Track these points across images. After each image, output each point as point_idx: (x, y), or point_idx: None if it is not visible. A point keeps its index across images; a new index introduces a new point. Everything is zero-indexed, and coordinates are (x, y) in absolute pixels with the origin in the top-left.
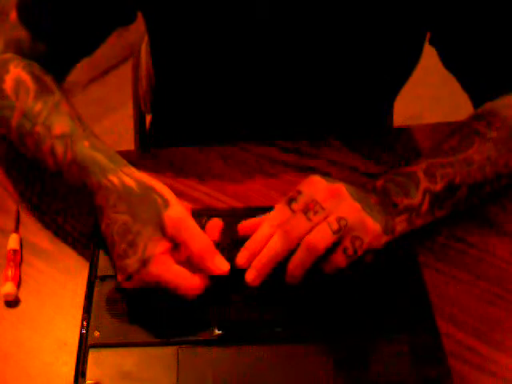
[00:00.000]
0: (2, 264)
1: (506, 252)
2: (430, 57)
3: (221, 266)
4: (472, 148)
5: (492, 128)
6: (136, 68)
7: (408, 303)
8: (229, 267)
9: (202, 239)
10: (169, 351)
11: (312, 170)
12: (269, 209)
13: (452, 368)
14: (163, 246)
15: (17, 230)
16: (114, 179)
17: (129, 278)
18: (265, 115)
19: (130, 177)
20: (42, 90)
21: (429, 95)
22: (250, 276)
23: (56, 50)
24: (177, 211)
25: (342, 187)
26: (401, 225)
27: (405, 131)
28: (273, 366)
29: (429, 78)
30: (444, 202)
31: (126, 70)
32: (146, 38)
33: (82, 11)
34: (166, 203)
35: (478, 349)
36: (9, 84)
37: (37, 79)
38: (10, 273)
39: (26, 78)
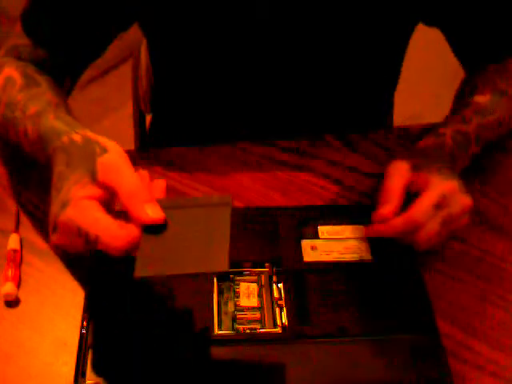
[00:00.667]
0: (1, 264)
1: (506, 252)
2: (430, 57)
3: (152, 213)
4: (502, 108)
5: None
6: (136, 68)
7: (408, 303)
8: (162, 216)
9: (131, 181)
10: (169, 351)
11: (312, 170)
12: (269, 209)
13: (452, 368)
14: (89, 190)
15: (17, 229)
16: (65, 139)
17: (54, 228)
18: (265, 115)
19: (80, 134)
20: (29, 84)
21: (429, 95)
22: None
23: (57, 58)
24: (111, 157)
25: (471, 203)
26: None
27: (405, 131)
28: (273, 366)
29: (429, 78)
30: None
31: (126, 69)
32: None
33: (82, 19)
34: (104, 151)
35: (478, 349)
36: (0, 82)
37: (26, 76)
38: (10, 273)
39: (16, 75)
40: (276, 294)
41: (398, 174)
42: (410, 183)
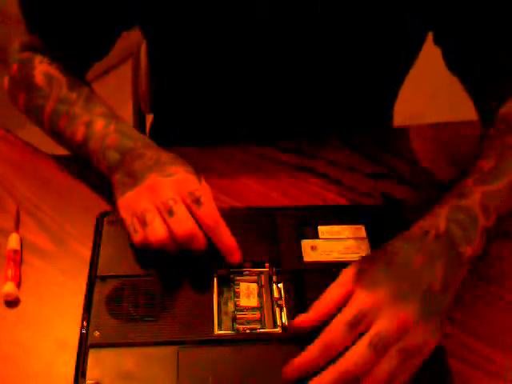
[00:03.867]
0: (2, 264)
1: (506, 252)
2: (430, 57)
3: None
4: None
5: None
6: (136, 68)
7: None
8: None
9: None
10: (169, 351)
11: (312, 170)
12: (269, 209)
13: (452, 368)
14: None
15: (17, 229)
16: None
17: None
18: (265, 115)
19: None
20: (75, 83)
21: (429, 95)
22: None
23: (68, 55)
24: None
25: (409, 317)
26: (462, 278)
27: (405, 131)
28: (273, 366)
29: (429, 78)
30: (491, 239)
31: (126, 69)
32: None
33: (86, 18)
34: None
35: (478, 349)
36: (39, 78)
37: (65, 73)
38: (9, 273)
39: (54, 72)
40: (276, 294)
41: (337, 282)
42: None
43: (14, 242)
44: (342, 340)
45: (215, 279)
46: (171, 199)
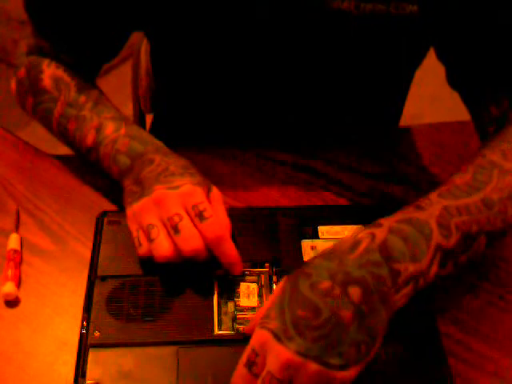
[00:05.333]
0: (1, 264)
1: (506, 252)
2: (430, 57)
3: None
4: (490, 184)
5: (508, 158)
6: (136, 68)
7: (408, 303)
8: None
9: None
10: (169, 351)
11: (312, 170)
12: (269, 209)
13: (452, 368)
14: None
15: (17, 229)
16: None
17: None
18: (265, 115)
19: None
20: (83, 86)
21: (429, 95)
22: None
23: (77, 59)
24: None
25: (293, 355)
26: (404, 299)
27: (406, 131)
28: None
29: (429, 78)
30: (458, 258)
31: (126, 69)
32: (145, 38)
33: (96, 19)
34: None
35: (477, 349)
36: (47, 82)
37: (73, 76)
38: (9, 273)
39: (62, 74)
40: None
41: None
42: None
43: (14, 242)
44: (243, 382)
45: (215, 279)
46: (176, 215)
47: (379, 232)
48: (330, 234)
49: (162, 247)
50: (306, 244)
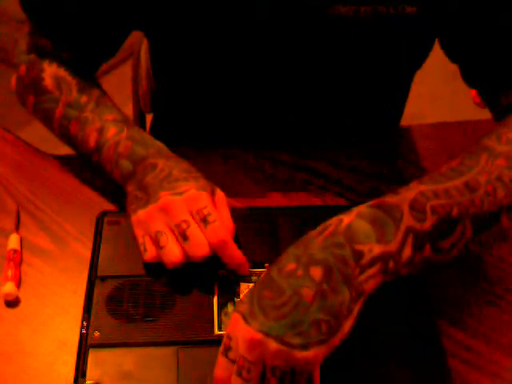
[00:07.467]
0: (1, 264)
1: (506, 252)
2: (430, 57)
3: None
4: (477, 167)
5: (502, 141)
6: (136, 68)
7: (408, 303)
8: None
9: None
10: (169, 351)
11: (312, 170)
12: (269, 209)
13: (452, 368)
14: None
15: (17, 229)
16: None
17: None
18: (265, 116)
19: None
20: (84, 85)
21: (430, 95)
22: None
23: (77, 57)
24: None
25: (259, 337)
26: (372, 281)
27: (406, 131)
28: None
29: (430, 78)
30: (439, 243)
31: (126, 69)
32: (145, 38)
33: (96, 17)
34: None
35: (478, 349)
36: (49, 81)
37: (74, 75)
38: (9, 273)
39: (64, 74)
40: None
41: None
42: None
43: (14, 242)
44: (224, 371)
45: (216, 279)
46: (184, 222)
47: (347, 217)
48: None
49: (173, 254)
50: None
